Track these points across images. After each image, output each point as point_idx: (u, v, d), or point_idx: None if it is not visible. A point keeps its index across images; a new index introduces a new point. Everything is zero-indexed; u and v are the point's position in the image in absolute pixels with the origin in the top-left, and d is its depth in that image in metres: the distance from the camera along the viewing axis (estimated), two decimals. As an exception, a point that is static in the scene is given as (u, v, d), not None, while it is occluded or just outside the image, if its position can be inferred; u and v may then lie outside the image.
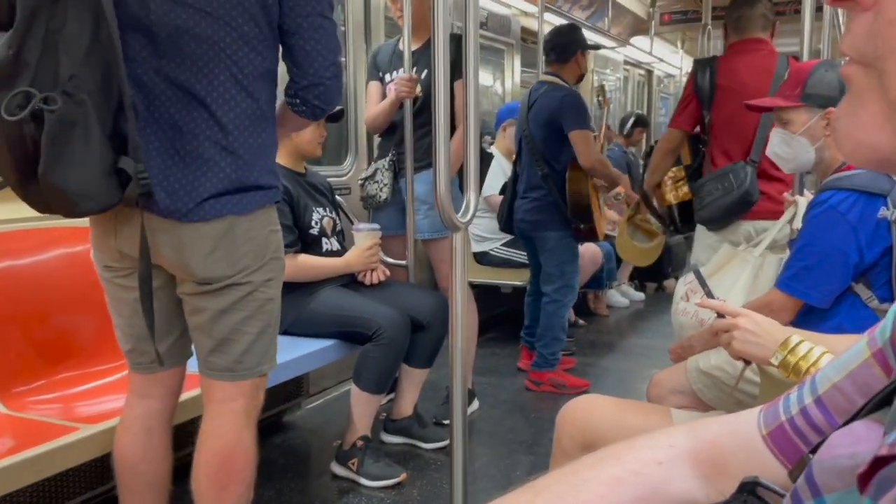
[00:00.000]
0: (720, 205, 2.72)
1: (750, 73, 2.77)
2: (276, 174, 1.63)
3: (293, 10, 1.51)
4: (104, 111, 1.38)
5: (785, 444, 0.62)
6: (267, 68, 1.54)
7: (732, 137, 2.80)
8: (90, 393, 2.15)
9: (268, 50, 1.52)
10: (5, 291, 2.07)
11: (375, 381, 2.54)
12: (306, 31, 1.53)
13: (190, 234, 1.49)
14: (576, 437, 1.47)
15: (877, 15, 0.40)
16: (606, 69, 7.71)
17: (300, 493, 2.53)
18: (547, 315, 3.62)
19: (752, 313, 1.30)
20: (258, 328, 1.61)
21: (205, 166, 1.47)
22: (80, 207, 1.41)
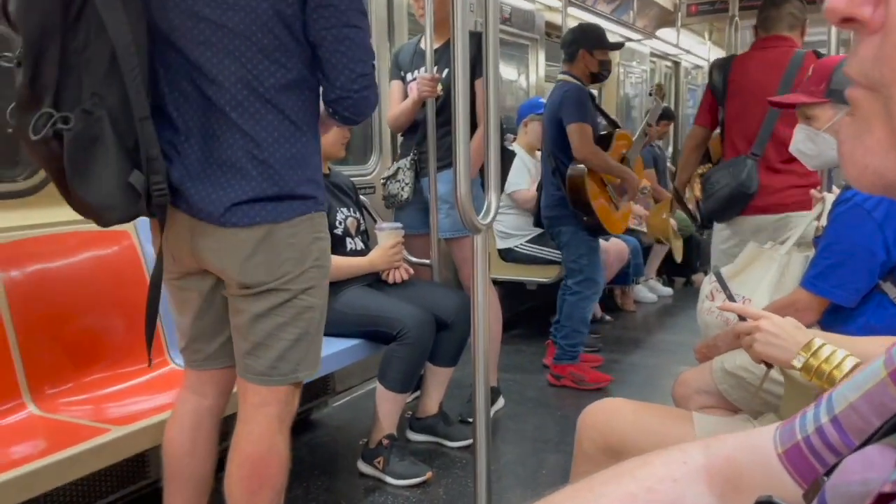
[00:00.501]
0: (719, 196, 2.79)
1: (760, 70, 2.83)
2: (317, 183, 1.63)
3: (317, 23, 1.51)
4: (124, 125, 1.42)
5: (800, 463, 0.61)
6: (292, 79, 1.53)
7: (739, 133, 2.86)
8: (120, 394, 2.19)
9: (291, 60, 1.52)
10: (36, 294, 2.12)
11: (400, 380, 2.56)
12: (331, 44, 1.52)
13: (229, 238, 1.53)
14: (597, 441, 1.46)
15: (884, 38, 0.39)
16: (633, 61, 7.63)
17: (326, 490, 2.56)
18: (568, 306, 3.67)
19: (774, 316, 1.28)
20: (295, 335, 1.62)
21: (239, 174, 1.51)
22: (103, 218, 1.51)
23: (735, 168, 2.77)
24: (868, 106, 0.41)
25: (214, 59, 1.48)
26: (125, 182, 1.44)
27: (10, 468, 1.62)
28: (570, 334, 3.66)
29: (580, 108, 3.39)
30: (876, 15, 0.39)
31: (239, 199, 1.50)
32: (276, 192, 1.52)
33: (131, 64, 1.40)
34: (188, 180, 1.52)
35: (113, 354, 2.27)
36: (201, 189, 1.52)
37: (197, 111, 1.52)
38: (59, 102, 1.39)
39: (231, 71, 1.48)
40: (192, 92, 1.52)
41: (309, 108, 1.60)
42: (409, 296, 2.66)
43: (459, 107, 1.54)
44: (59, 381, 2.11)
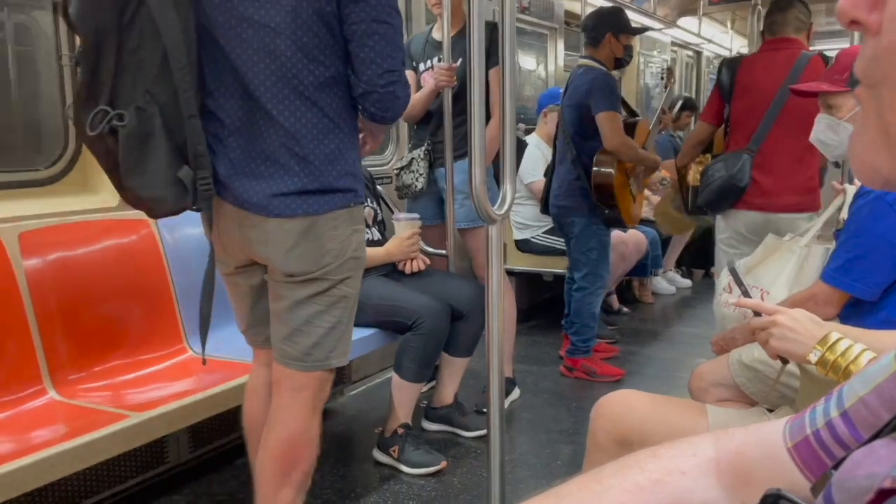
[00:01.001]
0: (713, 187, 2.88)
1: (766, 70, 2.88)
2: (356, 176, 1.66)
3: (348, 18, 1.53)
4: (175, 121, 1.50)
5: (810, 457, 0.61)
6: (329, 76, 1.56)
7: (742, 131, 2.93)
8: (139, 381, 2.22)
9: (329, 58, 1.54)
10: (57, 282, 2.15)
11: (415, 369, 2.57)
12: (360, 38, 1.54)
13: (274, 228, 1.58)
14: (611, 432, 1.46)
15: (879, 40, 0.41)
16: (653, 51, 7.56)
17: (342, 478, 2.58)
18: (575, 302, 3.61)
19: (789, 310, 1.27)
20: (330, 323, 1.67)
21: (281, 169, 1.56)
22: (154, 210, 1.60)
23: (730, 161, 2.86)
24: (867, 104, 0.43)
25: (255, 58, 1.52)
26: (174, 177, 1.51)
27: (31, 452, 1.65)
28: (581, 330, 3.63)
29: (610, 96, 3.33)
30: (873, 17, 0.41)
31: (281, 191, 1.55)
32: (317, 187, 1.57)
33: (181, 63, 1.47)
34: (233, 173, 1.57)
35: (132, 341, 2.30)
36: (245, 182, 1.57)
37: (240, 108, 1.57)
38: (114, 100, 1.46)
39: (272, 69, 1.52)
40: (236, 89, 1.56)
41: (346, 103, 1.63)
42: (425, 286, 2.67)
43: (475, 96, 1.53)
44: (79, 368, 2.15)
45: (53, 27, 2.35)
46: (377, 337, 2.59)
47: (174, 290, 2.44)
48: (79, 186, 2.43)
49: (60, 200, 2.34)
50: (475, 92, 1.55)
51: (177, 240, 2.50)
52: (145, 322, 2.35)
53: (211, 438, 2.65)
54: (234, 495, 2.45)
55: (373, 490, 2.49)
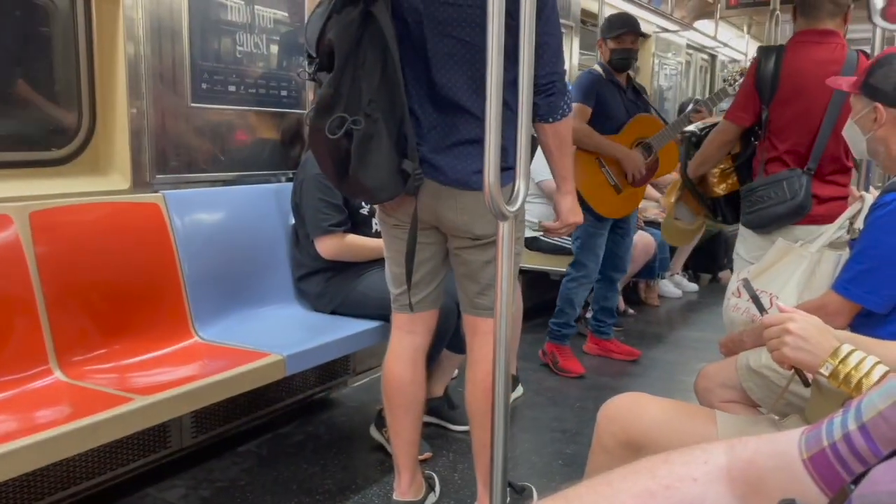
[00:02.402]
0: (771, 213, 2.58)
1: (816, 70, 2.53)
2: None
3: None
4: (392, 124, 1.86)
5: (826, 470, 0.60)
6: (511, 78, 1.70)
7: (790, 139, 2.60)
8: (145, 364, 2.23)
9: (511, 63, 1.67)
10: (66, 263, 2.15)
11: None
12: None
13: (472, 199, 1.90)
14: (618, 435, 1.45)
15: None
16: (668, 53, 7.52)
17: (343, 468, 2.58)
18: (562, 285, 3.77)
19: (800, 313, 1.25)
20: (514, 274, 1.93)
21: (475, 152, 1.85)
22: (376, 198, 1.99)
23: (790, 185, 2.55)
24: None
25: (456, 67, 1.87)
26: (396, 168, 1.87)
27: (34, 432, 1.65)
28: (557, 313, 3.76)
29: (580, 90, 3.48)
30: None
31: (479, 170, 1.72)
32: (503, 165, 1.70)
33: (399, 74, 1.83)
34: (435, 159, 1.93)
35: (139, 324, 2.30)
36: (448, 163, 1.92)
37: (433, 108, 1.92)
38: (348, 108, 1.79)
39: (469, 76, 1.85)
40: (434, 94, 1.91)
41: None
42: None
43: (493, 91, 1.52)
44: (85, 349, 2.15)
45: (71, 9, 2.35)
46: (383, 329, 2.58)
47: (182, 275, 2.44)
48: (90, 168, 2.43)
49: (71, 181, 2.34)
50: (493, 87, 1.54)
51: (186, 224, 2.50)
52: (152, 306, 2.35)
53: (214, 425, 2.65)
54: (234, 482, 2.46)
55: (374, 482, 2.49)
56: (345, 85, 1.79)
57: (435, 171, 1.94)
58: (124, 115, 2.40)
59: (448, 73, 1.89)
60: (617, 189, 3.53)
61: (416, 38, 1.89)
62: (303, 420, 2.96)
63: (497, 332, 1.74)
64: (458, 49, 1.87)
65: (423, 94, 1.93)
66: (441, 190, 1.94)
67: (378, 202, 2.02)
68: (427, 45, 1.89)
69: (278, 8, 2.89)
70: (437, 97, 1.92)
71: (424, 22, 1.88)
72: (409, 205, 1.97)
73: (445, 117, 1.92)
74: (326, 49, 1.81)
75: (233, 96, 2.74)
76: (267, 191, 2.86)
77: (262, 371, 2.18)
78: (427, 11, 1.88)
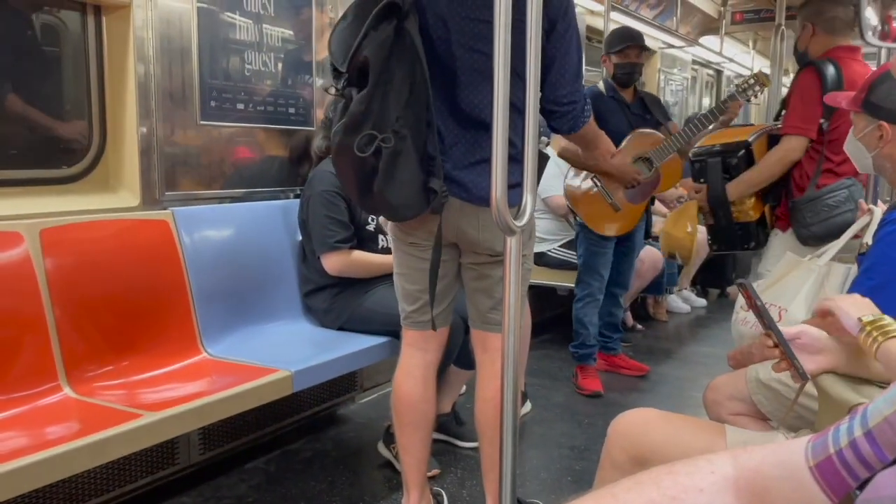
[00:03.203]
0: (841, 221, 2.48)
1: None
2: None
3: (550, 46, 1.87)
4: (419, 141, 1.84)
5: (832, 477, 0.60)
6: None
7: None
8: (154, 381, 2.23)
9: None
10: (76, 279, 2.16)
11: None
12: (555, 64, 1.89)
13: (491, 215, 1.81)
14: (627, 449, 1.45)
15: None
16: (674, 68, 7.55)
17: (351, 485, 2.57)
18: (573, 308, 3.78)
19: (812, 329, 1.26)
20: (523, 290, 2.00)
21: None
22: (400, 215, 1.93)
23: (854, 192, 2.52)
24: None
25: (483, 83, 1.86)
26: (422, 186, 1.85)
27: (44, 448, 1.65)
28: (574, 335, 3.77)
29: None
30: None
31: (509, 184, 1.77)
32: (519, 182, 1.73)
33: (428, 91, 1.81)
34: (459, 175, 1.92)
35: (148, 341, 2.31)
36: (471, 180, 1.92)
37: (456, 124, 1.91)
38: (377, 125, 1.76)
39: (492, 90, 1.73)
40: (458, 110, 1.90)
41: None
42: (440, 296, 2.66)
43: (500, 102, 1.52)
44: (94, 365, 2.15)
45: (81, 29, 2.39)
46: (390, 345, 2.59)
47: (190, 291, 2.45)
48: (100, 185, 2.45)
49: (82, 199, 2.36)
50: (500, 98, 1.55)
51: (195, 241, 2.51)
52: (161, 322, 2.36)
53: (222, 441, 2.65)
54: (242, 499, 2.45)
55: (382, 499, 2.48)
56: (375, 102, 1.77)
57: (458, 188, 1.93)
58: (134, 133, 2.43)
59: (474, 89, 1.89)
60: (615, 207, 3.51)
61: (443, 53, 1.89)
62: (310, 436, 2.96)
63: (505, 348, 1.73)
64: (485, 65, 1.84)
65: (447, 111, 1.92)
66: (464, 207, 1.94)
67: (401, 220, 1.98)
68: (454, 61, 1.89)
69: (286, 27, 2.92)
70: (461, 113, 1.92)
71: (451, 37, 1.87)
72: (431, 222, 1.95)
73: (468, 133, 1.92)
74: (359, 65, 1.78)
75: (241, 114, 2.76)
76: (274, 207, 2.87)
77: (269, 387, 2.18)
78: (454, 27, 1.87)
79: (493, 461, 1.96)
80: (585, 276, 3.71)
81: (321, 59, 3.06)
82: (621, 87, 3.57)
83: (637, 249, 3.87)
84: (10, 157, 2.27)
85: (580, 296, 3.73)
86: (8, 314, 1.99)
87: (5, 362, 1.96)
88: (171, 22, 2.48)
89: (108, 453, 1.76)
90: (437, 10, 1.87)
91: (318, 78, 3.06)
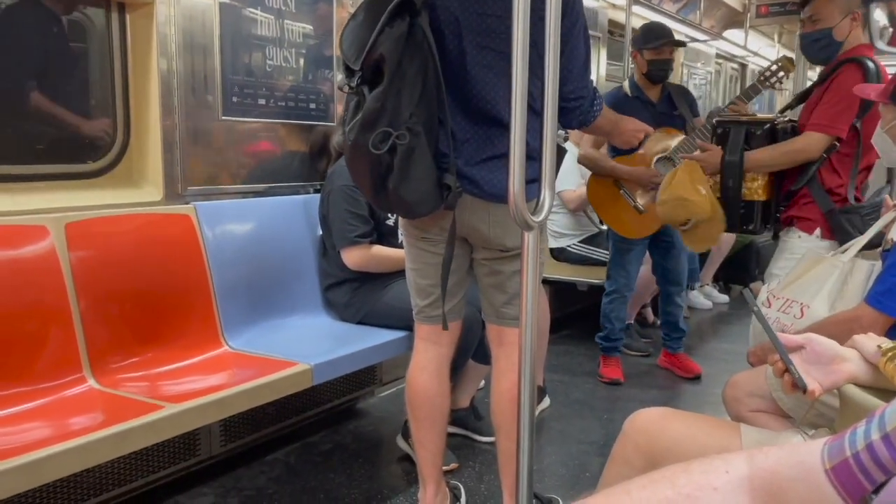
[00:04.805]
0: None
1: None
2: None
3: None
4: (431, 138, 1.84)
5: (848, 480, 0.59)
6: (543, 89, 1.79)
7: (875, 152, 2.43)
8: (176, 373, 2.26)
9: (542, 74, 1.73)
10: (100, 272, 2.20)
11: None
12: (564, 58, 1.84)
13: (505, 212, 1.82)
14: (641, 447, 1.44)
15: None
16: (697, 63, 7.47)
17: (369, 478, 2.59)
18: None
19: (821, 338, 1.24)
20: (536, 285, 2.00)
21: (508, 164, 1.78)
22: (414, 212, 1.92)
23: None
24: None
25: (495, 80, 1.86)
26: (436, 182, 1.84)
27: (69, 438, 1.68)
28: (602, 328, 3.81)
29: None
30: None
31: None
32: (534, 177, 1.74)
33: (441, 87, 1.81)
34: (471, 172, 1.91)
35: (170, 334, 2.34)
36: (483, 176, 1.91)
37: (472, 121, 1.90)
38: (392, 122, 1.75)
39: (508, 89, 1.64)
40: (468, 106, 1.89)
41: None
42: (459, 291, 2.67)
43: (517, 98, 1.52)
44: (118, 357, 2.19)
45: (106, 25, 2.42)
46: (408, 340, 2.59)
47: (212, 284, 2.48)
48: (124, 180, 2.48)
49: (106, 193, 2.39)
50: (517, 93, 1.54)
51: (216, 235, 2.54)
52: (183, 315, 2.39)
53: (242, 433, 2.68)
54: (262, 490, 2.48)
55: (400, 492, 2.50)
56: (390, 99, 1.77)
57: (470, 185, 1.92)
58: (157, 128, 2.46)
59: (486, 85, 1.88)
60: (638, 210, 3.50)
61: (454, 49, 1.88)
62: (330, 429, 2.98)
63: (523, 342, 1.74)
64: (497, 61, 1.85)
65: (458, 107, 1.91)
66: (475, 203, 1.94)
67: (416, 217, 1.97)
68: (465, 57, 1.88)
69: (306, 22, 2.93)
70: (472, 109, 1.91)
71: (463, 33, 1.87)
72: (444, 219, 1.96)
73: (480, 130, 1.91)
74: (373, 63, 1.77)
75: (262, 109, 2.78)
76: (295, 202, 2.90)
77: (289, 380, 2.20)
78: (466, 23, 1.87)
79: (510, 455, 1.96)
80: (612, 271, 3.76)
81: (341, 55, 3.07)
82: (650, 85, 3.54)
83: (679, 244, 3.76)
84: (36, 153, 2.31)
85: (608, 290, 3.78)
86: (34, 306, 2.03)
87: (31, 354, 2.00)
88: (193, 18, 2.50)
89: (131, 444, 1.79)
90: (449, 6, 1.87)
91: (338, 73, 3.07)
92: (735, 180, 2.61)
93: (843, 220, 2.48)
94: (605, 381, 3.69)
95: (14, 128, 2.27)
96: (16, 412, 1.89)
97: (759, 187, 2.62)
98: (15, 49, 2.24)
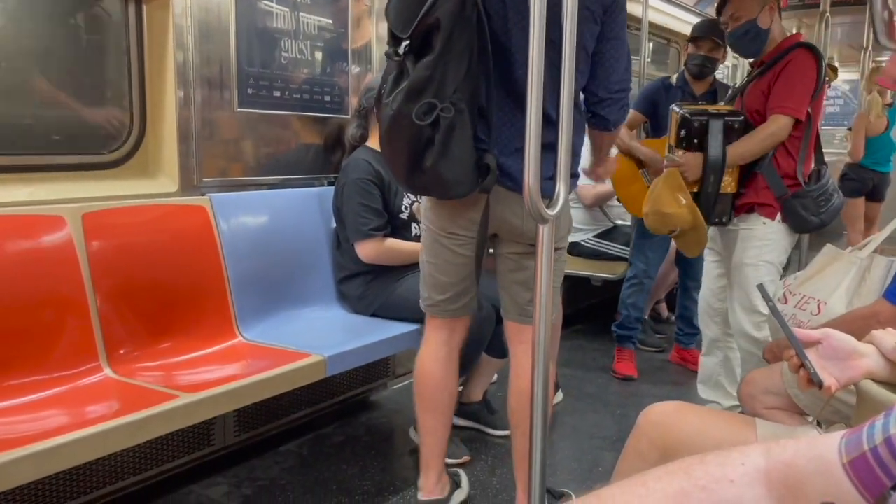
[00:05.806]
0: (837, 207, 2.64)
1: None
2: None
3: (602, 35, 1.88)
4: (473, 117, 1.78)
5: (866, 474, 0.59)
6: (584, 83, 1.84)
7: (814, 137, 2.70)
8: (191, 363, 2.27)
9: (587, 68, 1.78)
10: (117, 263, 2.21)
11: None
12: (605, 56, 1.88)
13: None
14: (655, 440, 1.44)
15: None
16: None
17: (382, 470, 2.59)
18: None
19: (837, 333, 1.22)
20: (558, 283, 2.08)
21: (548, 158, 1.68)
22: (452, 192, 1.85)
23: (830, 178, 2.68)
24: None
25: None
26: (475, 163, 1.79)
27: (85, 427, 1.69)
28: (618, 314, 3.82)
29: (638, 95, 3.71)
30: None
31: (550, 175, 1.70)
32: (574, 171, 1.76)
33: (489, 66, 1.77)
34: (506, 163, 1.86)
35: (185, 324, 2.35)
36: (518, 168, 1.81)
37: (511, 107, 1.85)
38: (438, 94, 1.71)
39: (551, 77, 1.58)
40: (509, 92, 1.84)
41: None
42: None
43: (533, 92, 1.51)
44: (133, 347, 2.20)
45: (123, 17, 2.43)
46: (421, 333, 2.58)
47: (227, 276, 2.49)
48: (140, 171, 2.50)
49: (122, 184, 2.41)
50: (534, 87, 1.53)
51: (231, 226, 2.55)
52: (198, 305, 2.41)
53: (256, 424, 2.70)
54: (275, 481, 2.49)
55: (412, 484, 2.50)
56: (438, 70, 1.71)
57: (503, 176, 1.88)
58: (173, 119, 2.47)
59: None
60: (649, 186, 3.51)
61: (499, 30, 1.82)
62: (343, 421, 2.99)
63: (537, 338, 1.73)
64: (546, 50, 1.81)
65: (500, 91, 1.86)
66: (508, 195, 1.89)
67: (451, 198, 1.90)
68: (510, 39, 1.82)
69: (322, 15, 2.93)
70: (512, 95, 1.85)
71: (509, 15, 1.81)
72: (473, 210, 1.93)
73: (518, 116, 1.83)
74: (424, 31, 1.71)
75: (278, 101, 2.79)
76: (310, 194, 2.90)
77: (303, 371, 2.21)
78: (511, 4, 1.81)
79: (525, 454, 1.95)
80: (633, 257, 3.80)
81: (356, 48, 3.07)
82: (694, 79, 3.56)
83: None
84: (53, 143, 2.33)
85: (628, 276, 3.81)
86: (51, 296, 2.05)
87: (48, 343, 2.02)
88: (209, 10, 2.51)
89: (146, 433, 1.80)
90: None
91: (353, 66, 3.07)
92: (716, 176, 2.63)
93: (796, 204, 2.60)
94: (618, 376, 3.68)
95: (31, 118, 2.28)
96: (32, 400, 1.91)
97: (732, 180, 2.68)
98: (32, 40, 2.25)
